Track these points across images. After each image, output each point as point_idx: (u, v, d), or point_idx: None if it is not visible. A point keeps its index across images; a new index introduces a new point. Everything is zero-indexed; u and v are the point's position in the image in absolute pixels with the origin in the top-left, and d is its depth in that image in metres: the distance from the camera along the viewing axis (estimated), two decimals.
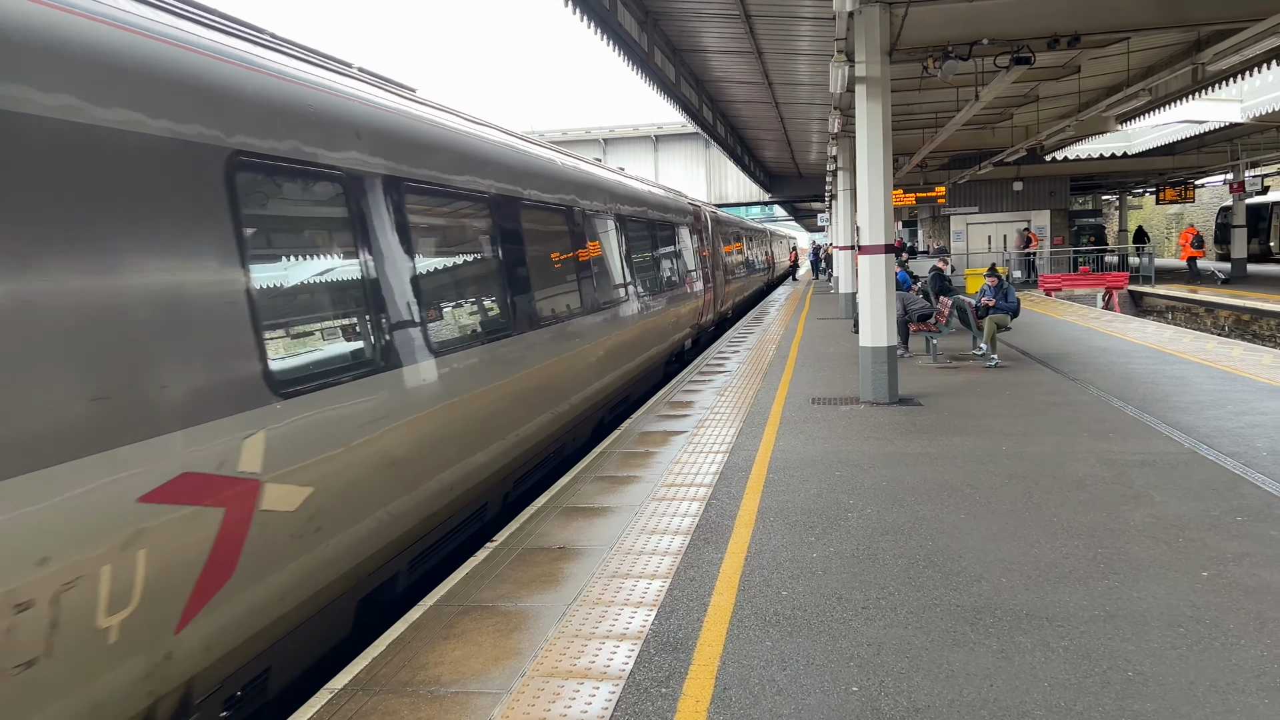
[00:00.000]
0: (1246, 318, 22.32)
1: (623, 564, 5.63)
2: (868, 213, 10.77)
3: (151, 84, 3.75)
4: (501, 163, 7.77)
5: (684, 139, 46.00)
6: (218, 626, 3.83)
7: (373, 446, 5.01)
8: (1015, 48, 11.37)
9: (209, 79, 4.14)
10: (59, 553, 3.01)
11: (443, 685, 4.14)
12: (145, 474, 3.39)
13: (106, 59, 3.55)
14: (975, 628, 4.53)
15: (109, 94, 3.51)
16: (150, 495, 3.40)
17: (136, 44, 3.74)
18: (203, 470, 3.68)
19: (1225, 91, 22.24)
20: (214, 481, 3.73)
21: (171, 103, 3.85)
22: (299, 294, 4.80)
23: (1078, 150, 30.73)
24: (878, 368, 10.76)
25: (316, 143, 4.89)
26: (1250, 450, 7.74)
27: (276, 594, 4.23)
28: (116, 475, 3.26)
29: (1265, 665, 4.04)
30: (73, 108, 3.33)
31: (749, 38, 14.38)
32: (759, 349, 16.85)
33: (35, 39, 3.25)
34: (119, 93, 3.56)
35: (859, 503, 6.75)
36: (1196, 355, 13.51)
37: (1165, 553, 5.47)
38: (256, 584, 4.05)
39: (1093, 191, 46.18)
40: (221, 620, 3.85)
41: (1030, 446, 8.27)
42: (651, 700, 3.94)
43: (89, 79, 3.43)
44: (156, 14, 4.07)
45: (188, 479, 3.58)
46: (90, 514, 3.16)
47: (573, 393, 8.94)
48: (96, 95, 3.45)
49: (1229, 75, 15.77)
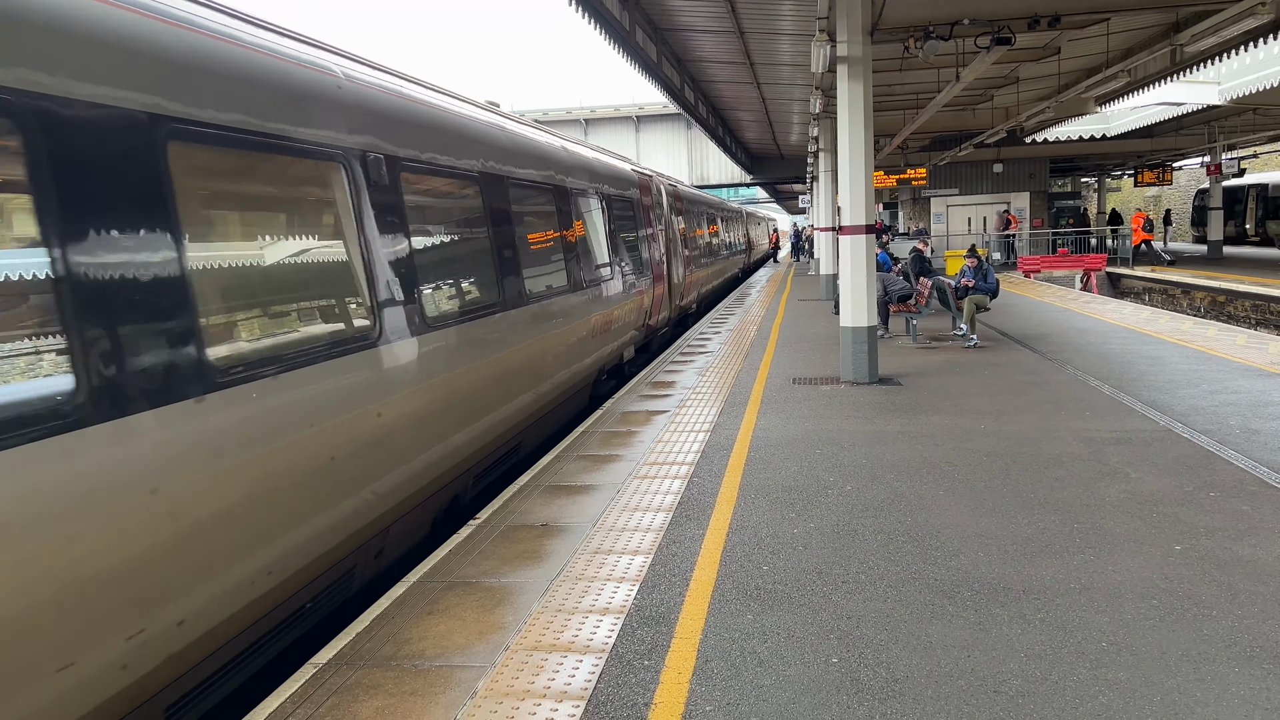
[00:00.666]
0: (1222, 299, 22.56)
1: (605, 540, 5.66)
2: (849, 194, 10.80)
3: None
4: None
5: (666, 120, 45.93)
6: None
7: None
8: (996, 28, 11.39)
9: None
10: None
11: (427, 659, 4.17)
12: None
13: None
14: (953, 601, 4.59)
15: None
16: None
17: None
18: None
19: (1203, 74, 22.44)
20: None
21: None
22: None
23: (1057, 132, 30.86)
24: (858, 348, 10.82)
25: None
26: (1224, 428, 7.85)
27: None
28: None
29: (1236, 635, 4.12)
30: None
31: (731, 17, 14.34)
32: (740, 330, 16.89)
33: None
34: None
35: (839, 480, 6.81)
36: (1172, 335, 13.65)
37: (1139, 527, 5.56)
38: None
39: (1072, 174, 46.40)
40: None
41: (1008, 425, 8.36)
42: (634, 672, 3.98)
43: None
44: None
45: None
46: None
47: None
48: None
49: (1207, 57, 15.86)
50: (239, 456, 3.96)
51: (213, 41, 4.27)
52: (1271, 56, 20.85)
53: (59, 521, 3.10)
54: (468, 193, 7.26)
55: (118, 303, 3.44)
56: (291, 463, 4.35)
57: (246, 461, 4.01)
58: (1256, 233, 40.78)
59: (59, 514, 3.10)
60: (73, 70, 3.39)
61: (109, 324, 3.38)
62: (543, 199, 9.24)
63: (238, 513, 3.95)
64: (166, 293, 3.68)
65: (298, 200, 5.00)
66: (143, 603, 3.44)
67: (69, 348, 3.22)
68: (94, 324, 3.31)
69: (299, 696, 3.87)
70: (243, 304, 4.43)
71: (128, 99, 3.62)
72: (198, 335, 3.83)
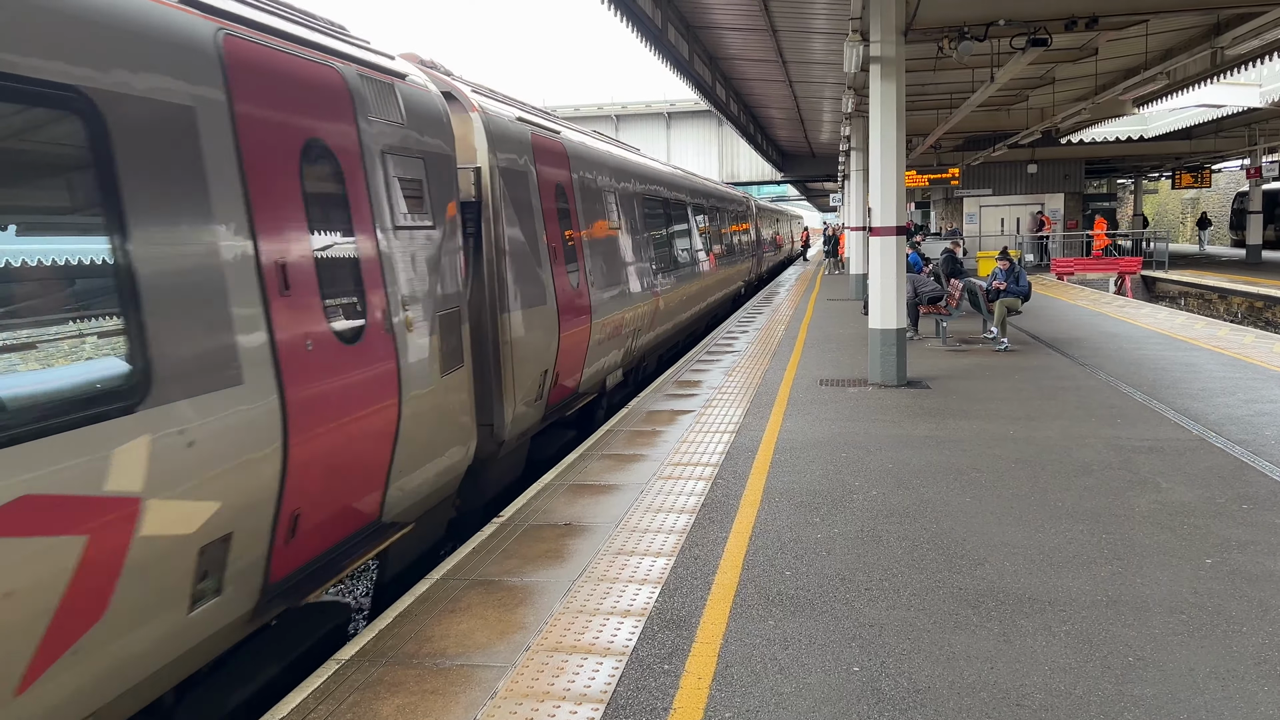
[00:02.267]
0: (1260, 304, 22.18)
1: (628, 541, 5.67)
2: (879, 194, 10.72)
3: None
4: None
5: (696, 116, 45.78)
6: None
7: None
8: (1032, 29, 11.26)
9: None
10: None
11: (448, 658, 4.19)
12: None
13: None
14: (977, 610, 4.55)
15: None
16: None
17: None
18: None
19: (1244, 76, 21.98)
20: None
21: None
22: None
23: (1093, 133, 30.46)
24: (886, 350, 10.75)
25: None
26: (1259, 438, 7.72)
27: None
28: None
29: (1266, 653, 4.05)
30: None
31: (763, 15, 14.27)
32: (768, 329, 16.84)
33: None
34: None
35: (864, 485, 6.77)
36: (1207, 342, 13.45)
37: (1169, 539, 5.48)
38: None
39: (1108, 175, 45.81)
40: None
41: (1037, 431, 8.27)
42: (654, 676, 3.98)
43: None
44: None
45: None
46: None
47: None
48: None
49: (1248, 60, 15.59)
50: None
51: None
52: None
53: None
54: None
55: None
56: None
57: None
58: None
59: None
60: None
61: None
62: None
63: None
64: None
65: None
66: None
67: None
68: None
69: (321, 692, 3.91)
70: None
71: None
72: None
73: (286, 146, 4.45)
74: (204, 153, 3.84)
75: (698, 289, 16.97)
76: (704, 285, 17.86)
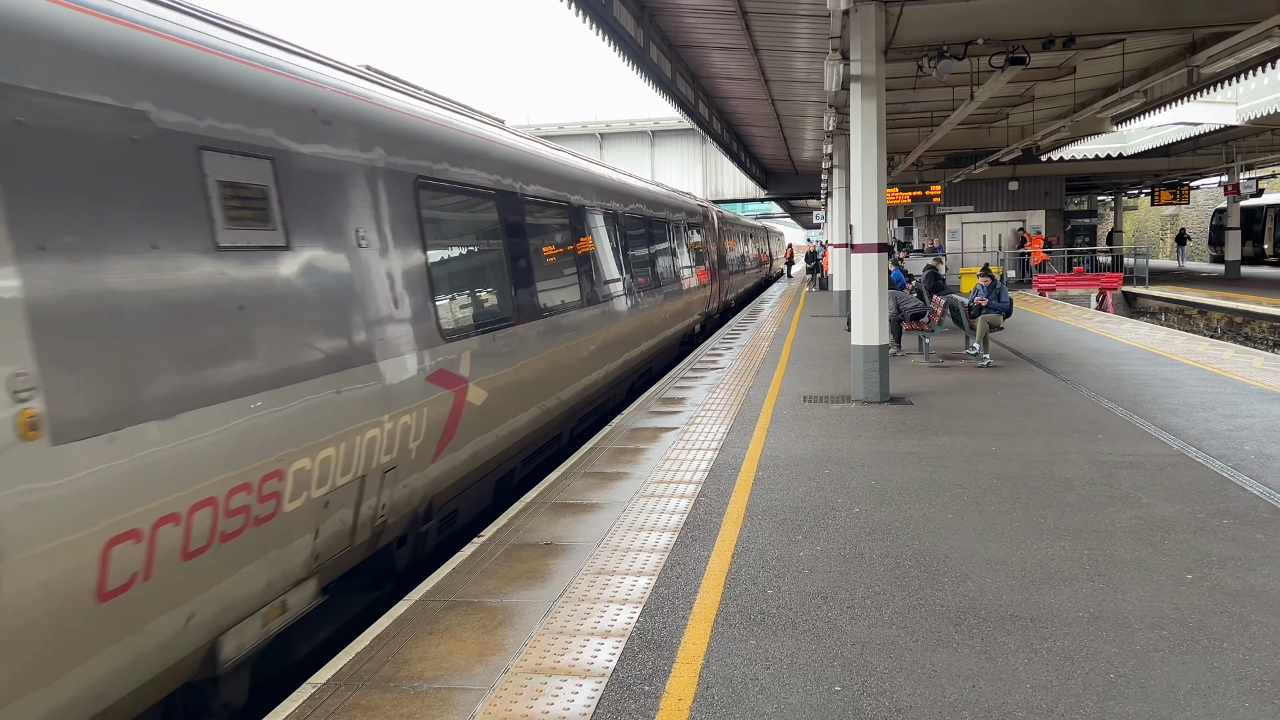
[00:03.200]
0: (1239, 320, 22.38)
1: (609, 561, 5.62)
2: (861, 211, 10.77)
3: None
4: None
5: (680, 135, 46.01)
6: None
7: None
8: (1010, 48, 11.37)
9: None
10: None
11: (425, 681, 4.14)
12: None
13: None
14: (959, 628, 4.54)
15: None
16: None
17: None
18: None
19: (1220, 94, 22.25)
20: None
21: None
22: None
23: (1073, 150, 30.78)
24: (869, 366, 10.77)
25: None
26: (1238, 453, 7.76)
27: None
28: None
29: (1247, 669, 4.05)
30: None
31: (745, 34, 14.36)
32: (752, 346, 16.85)
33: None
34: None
35: (847, 501, 6.75)
36: (1187, 357, 13.54)
37: (1150, 555, 5.48)
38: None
39: (1088, 192, 46.25)
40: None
41: (1019, 447, 8.28)
42: (634, 698, 3.94)
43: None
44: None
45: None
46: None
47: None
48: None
49: (1224, 78, 15.80)
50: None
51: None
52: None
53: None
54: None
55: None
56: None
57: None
58: (1275, 253, 40.52)
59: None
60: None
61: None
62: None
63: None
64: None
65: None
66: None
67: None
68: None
69: (296, 717, 3.84)
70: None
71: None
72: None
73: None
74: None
75: (592, 348, 10.49)
76: (610, 337, 11.41)
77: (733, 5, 12.75)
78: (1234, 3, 10.85)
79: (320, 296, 4.94)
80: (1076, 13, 11.06)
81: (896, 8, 10.56)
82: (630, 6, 12.98)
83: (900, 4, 10.46)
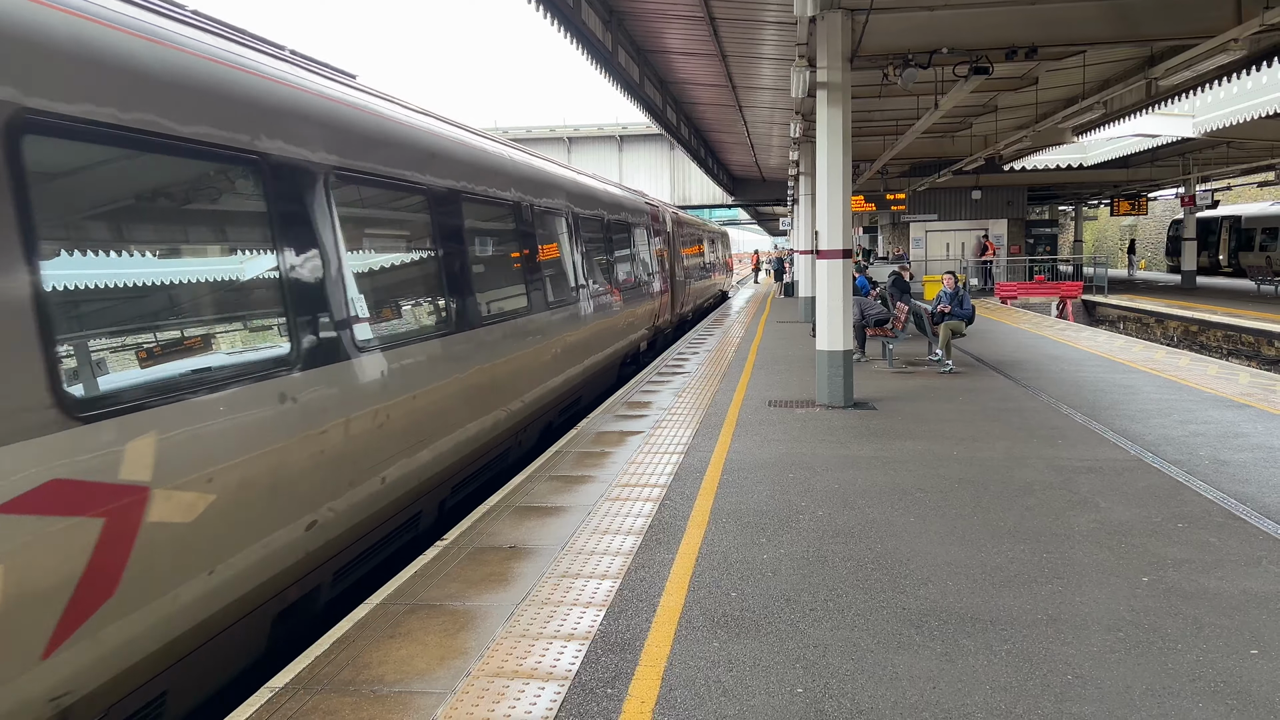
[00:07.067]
0: (1194, 329, 22.80)
1: (573, 564, 5.60)
2: (826, 218, 10.84)
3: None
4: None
5: (649, 140, 46.04)
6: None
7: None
8: (974, 58, 11.51)
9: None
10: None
11: (386, 685, 4.09)
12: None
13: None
14: (920, 630, 4.57)
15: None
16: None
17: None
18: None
19: (1177, 107, 22.76)
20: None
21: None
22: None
23: (1035, 161, 31.21)
24: (833, 371, 10.83)
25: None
26: (1193, 459, 7.89)
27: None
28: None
29: (1200, 670, 4.12)
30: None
31: (713, 40, 14.42)
32: (718, 351, 16.90)
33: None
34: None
35: (811, 505, 6.78)
36: (1145, 364, 13.76)
37: (1108, 558, 5.56)
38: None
39: (1050, 202, 46.95)
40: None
41: (980, 452, 8.37)
42: (597, 701, 3.92)
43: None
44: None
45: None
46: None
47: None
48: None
49: (1181, 90, 16.10)
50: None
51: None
52: (1245, 91, 21.20)
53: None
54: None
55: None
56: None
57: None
58: (1229, 264, 41.35)
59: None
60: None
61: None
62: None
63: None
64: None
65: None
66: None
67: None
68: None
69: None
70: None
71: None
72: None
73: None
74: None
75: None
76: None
77: (701, 11, 12.79)
78: (1191, 17, 11.07)
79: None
80: (1039, 24, 11.22)
81: (862, 16, 10.65)
82: (599, 10, 12.98)
83: (866, 12, 10.55)
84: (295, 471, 4.93)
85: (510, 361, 8.64)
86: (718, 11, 12.79)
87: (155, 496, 3.86)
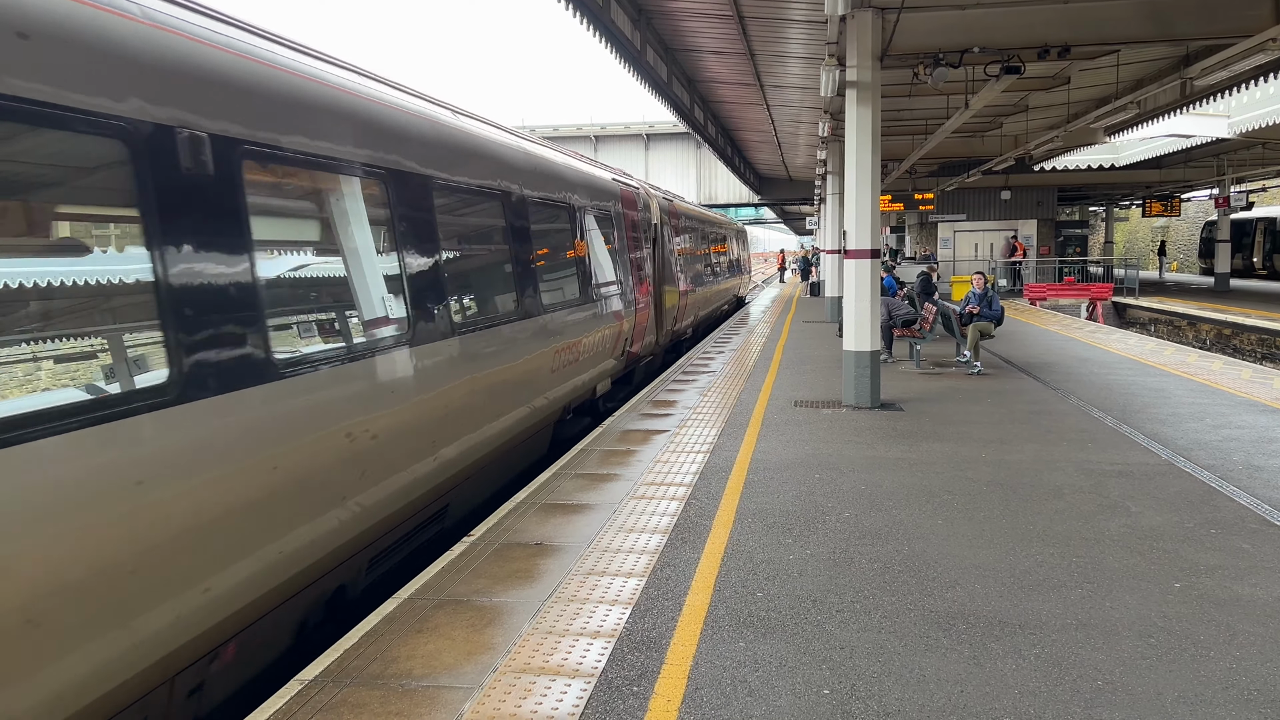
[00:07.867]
0: (1228, 332, 22.50)
1: (599, 562, 5.62)
2: (854, 218, 10.79)
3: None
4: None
5: (675, 139, 46.00)
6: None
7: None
8: (1005, 57, 11.40)
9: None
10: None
11: (414, 679, 4.12)
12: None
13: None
14: (948, 633, 4.54)
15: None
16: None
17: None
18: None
19: (1213, 107, 22.46)
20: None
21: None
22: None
23: (1066, 161, 30.90)
24: (860, 372, 10.78)
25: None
26: (1226, 463, 7.79)
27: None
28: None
29: (1233, 677, 4.07)
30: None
31: (741, 39, 14.39)
32: (743, 350, 16.87)
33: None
34: None
35: (837, 506, 6.76)
36: (1177, 368, 13.60)
37: (1139, 563, 5.50)
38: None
39: (1080, 202, 46.46)
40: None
41: (1009, 455, 8.30)
42: (623, 699, 3.93)
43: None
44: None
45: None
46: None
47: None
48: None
49: (1216, 90, 15.88)
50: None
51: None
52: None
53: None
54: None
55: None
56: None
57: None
58: (1264, 266, 40.77)
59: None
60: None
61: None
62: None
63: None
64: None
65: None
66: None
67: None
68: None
69: (283, 713, 3.83)
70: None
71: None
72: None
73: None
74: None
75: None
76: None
77: (730, 10, 12.77)
78: (1227, 16, 10.91)
79: None
80: (1071, 24, 11.10)
81: (893, 15, 10.59)
82: (627, 9, 12.99)
83: (897, 11, 10.48)
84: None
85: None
86: (746, 10, 12.76)
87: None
